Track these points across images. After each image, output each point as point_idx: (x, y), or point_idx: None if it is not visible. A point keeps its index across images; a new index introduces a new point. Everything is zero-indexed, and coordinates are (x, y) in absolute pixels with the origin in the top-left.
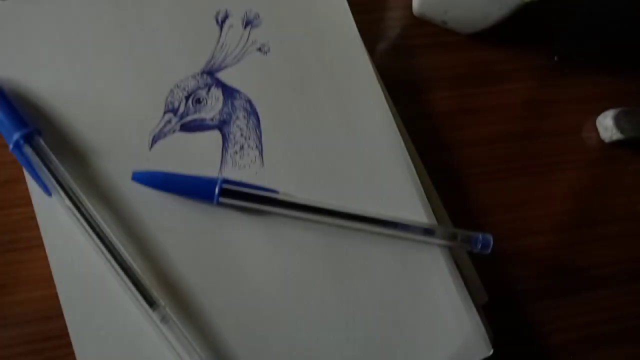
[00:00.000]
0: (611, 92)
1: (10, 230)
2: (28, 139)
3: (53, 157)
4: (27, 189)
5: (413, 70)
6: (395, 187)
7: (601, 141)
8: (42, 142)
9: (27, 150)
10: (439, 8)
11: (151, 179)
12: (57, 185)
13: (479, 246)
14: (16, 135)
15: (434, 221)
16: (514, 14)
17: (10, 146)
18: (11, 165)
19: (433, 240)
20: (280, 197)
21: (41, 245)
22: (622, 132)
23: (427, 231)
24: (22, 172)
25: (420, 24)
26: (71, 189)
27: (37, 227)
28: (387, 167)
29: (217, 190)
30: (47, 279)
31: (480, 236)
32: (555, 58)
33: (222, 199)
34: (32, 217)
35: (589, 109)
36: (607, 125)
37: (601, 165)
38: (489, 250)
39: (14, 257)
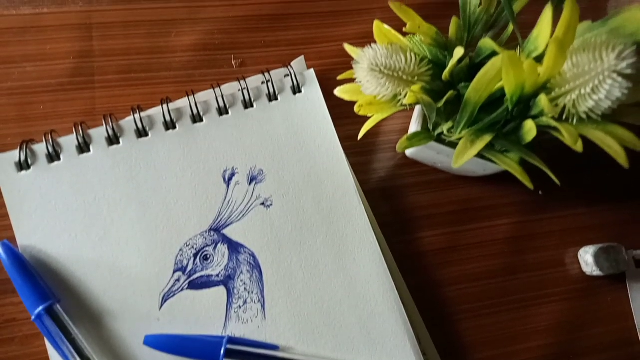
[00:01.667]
0: (594, 223)
1: None
2: (48, 310)
3: (72, 327)
4: (44, 345)
5: (405, 209)
6: (389, 336)
7: (583, 272)
8: (61, 310)
9: (48, 321)
10: (430, 159)
11: (162, 344)
12: (75, 355)
13: None
14: (38, 308)
15: None
16: None
17: (33, 317)
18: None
19: None
20: (280, 354)
21: None
22: (601, 270)
23: None
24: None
25: (411, 164)
26: (88, 358)
27: None
28: (382, 317)
29: (222, 352)
30: None
31: None
32: (540, 192)
33: None
34: None
35: (573, 241)
36: (588, 261)
37: (583, 297)
38: None
39: None
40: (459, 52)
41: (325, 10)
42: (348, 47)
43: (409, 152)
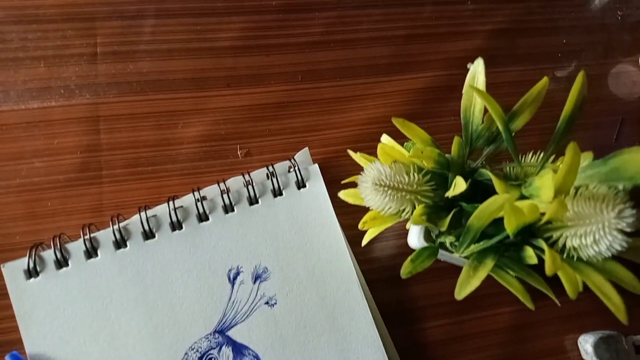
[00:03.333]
0: (592, 309)
1: None
2: None
3: None
4: None
5: (407, 299)
6: None
7: (582, 359)
8: None
9: None
10: None
11: None
12: None
13: None
14: None
15: None
16: None
17: None
18: None
19: None
20: None
21: None
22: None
23: None
24: None
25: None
26: None
27: None
28: None
29: None
30: None
31: None
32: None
33: None
34: None
35: (572, 327)
36: (587, 350)
37: None
38: None
39: None
40: (460, 185)
41: (328, 97)
42: (352, 154)
43: (411, 244)
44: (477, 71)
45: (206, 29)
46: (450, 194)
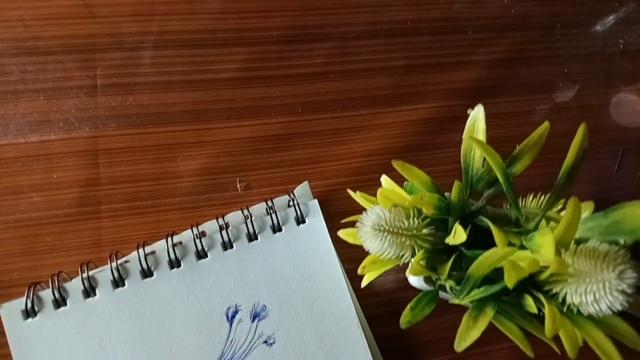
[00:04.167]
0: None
1: None
2: None
3: None
4: None
5: (407, 334)
6: None
7: None
8: None
9: None
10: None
11: None
12: None
13: None
14: None
15: None
16: None
17: None
18: None
19: None
20: None
21: None
22: None
23: None
24: None
25: (413, 287)
26: None
27: None
28: None
29: None
30: None
31: None
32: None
33: None
34: None
35: None
36: None
37: None
38: None
39: None
40: (460, 236)
41: (328, 129)
42: (352, 193)
43: (411, 281)
44: (477, 118)
45: (206, 60)
46: (450, 242)
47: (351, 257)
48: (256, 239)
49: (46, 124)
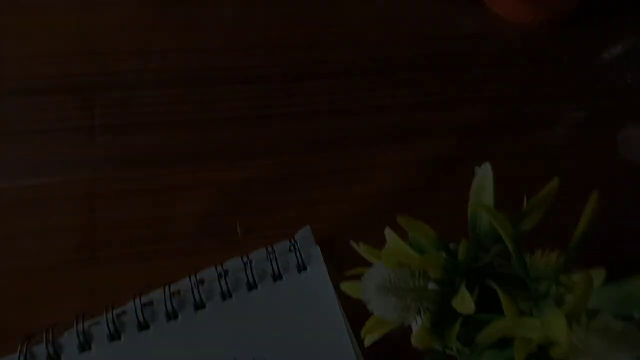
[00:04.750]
0: None
1: None
2: None
3: None
4: None
5: None
6: None
7: None
8: None
9: None
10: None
11: None
12: None
13: None
14: None
15: None
16: None
17: None
18: None
19: None
20: None
21: None
22: None
23: None
24: None
25: None
26: None
27: None
28: None
29: None
30: None
31: None
32: None
33: None
34: None
35: None
36: None
37: None
38: None
39: None
40: (468, 307)
41: (330, 169)
42: (355, 246)
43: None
44: (484, 178)
45: (205, 100)
46: (457, 309)
47: (354, 303)
48: (256, 287)
49: (42, 166)
